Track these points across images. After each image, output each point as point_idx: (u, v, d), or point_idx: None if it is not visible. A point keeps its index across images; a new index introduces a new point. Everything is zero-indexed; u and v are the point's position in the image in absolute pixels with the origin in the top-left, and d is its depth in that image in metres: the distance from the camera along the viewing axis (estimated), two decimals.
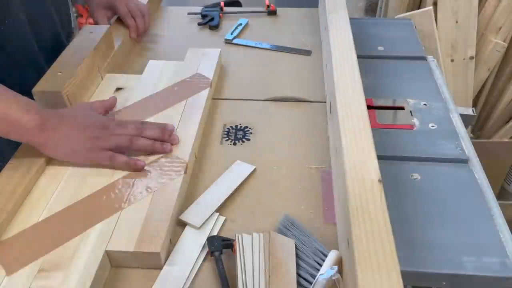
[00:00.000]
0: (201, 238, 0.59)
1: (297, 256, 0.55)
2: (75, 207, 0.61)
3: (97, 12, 1.00)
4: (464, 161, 0.70)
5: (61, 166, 0.67)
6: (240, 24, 1.10)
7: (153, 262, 0.56)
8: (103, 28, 0.91)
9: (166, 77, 0.86)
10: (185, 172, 0.65)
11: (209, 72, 0.86)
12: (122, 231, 0.57)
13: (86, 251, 0.55)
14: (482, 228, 0.60)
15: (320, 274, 0.51)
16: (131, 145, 0.66)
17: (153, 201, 0.61)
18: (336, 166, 0.65)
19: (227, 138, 0.78)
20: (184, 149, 0.69)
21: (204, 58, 0.90)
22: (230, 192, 0.66)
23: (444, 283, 0.56)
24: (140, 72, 0.88)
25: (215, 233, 0.60)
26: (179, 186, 0.63)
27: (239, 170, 0.69)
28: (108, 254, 0.55)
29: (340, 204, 0.58)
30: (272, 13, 1.16)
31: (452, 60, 1.47)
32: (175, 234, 0.60)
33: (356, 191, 0.51)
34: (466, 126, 0.79)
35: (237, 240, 0.56)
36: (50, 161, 0.67)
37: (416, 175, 0.68)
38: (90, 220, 0.59)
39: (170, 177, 0.64)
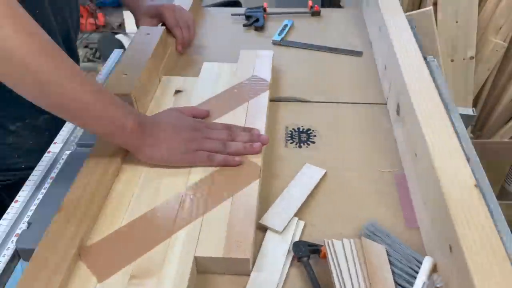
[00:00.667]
0: (285, 243, 0.58)
1: (390, 262, 0.54)
2: (156, 211, 0.60)
3: (142, 21, 1.00)
4: None
5: (136, 167, 0.66)
6: (286, 25, 1.11)
7: (241, 268, 0.55)
8: (159, 29, 0.91)
9: (223, 79, 0.85)
10: (259, 176, 0.65)
11: (266, 74, 0.86)
12: (207, 237, 0.56)
13: (175, 257, 0.53)
14: None
15: (424, 282, 0.50)
16: (225, 149, 0.67)
17: (233, 206, 0.60)
18: (415, 170, 0.64)
19: (291, 141, 0.77)
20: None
21: (258, 59, 0.90)
22: (306, 196, 0.65)
23: None
24: (195, 74, 0.88)
25: (296, 238, 0.59)
26: (257, 190, 0.62)
27: (310, 174, 0.68)
28: (196, 260, 0.54)
29: (428, 209, 0.57)
30: (316, 13, 1.16)
31: (452, 60, 1.47)
32: (256, 239, 0.59)
33: (453, 197, 0.50)
34: (466, 126, 0.79)
35: (326, 245, 0.54)
36: (123, 164, 0.67)
37: None
38: (174, 225, 0.58)
39: (247, 181, 0.64)
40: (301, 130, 0.79)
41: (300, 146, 0.76)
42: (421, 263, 0.53)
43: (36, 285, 0.49)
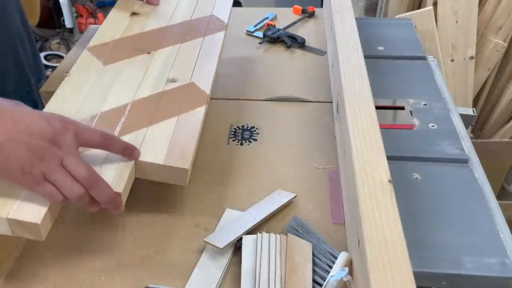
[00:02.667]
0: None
1: None
2: (101, 117, 0.62)
3: None
4: (464, 161, 0.70)
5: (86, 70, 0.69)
6: (267, 18, 1.11)
7: (178, 179, 0.58)
8: None
9: (181, 11, 0.88)
10: (206, 103, 0.67)
11: (224, 15, 0.87)
12: (150, 144, 0.59)
13: (116, 159, 0.56)
14: (482, 228, 0.60)
15: (331, 276, 0.51)
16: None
17: (178, 124, 0.63)
18: (344, 166, 0.65)
19: (234, 138, 0.78)
20: (205, 84, 0.70)
21: (218, 1, 0.92)
22: (261, 217, 0.62)
23: (444, 283, 0.56)
24: None
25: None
26: (202, 114, 0.65)
27: (278, 198, 0.67)
28: (136, 164, 0.56)
29: (349, 204, 0.58)
30: (311, 15, 1.16)
31: (452, 60, 1.47)
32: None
33: (366, 192, 0.51)
34: (466, 126, 0.79)
35: (243, 240, 0.56)
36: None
37: (416, 175, 0.68)
38: (118, 132, 0.60)
39: (194, 105, 0.66)
40: (245, 127, 0.80)
41: (241, 144, 0.77)
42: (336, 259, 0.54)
43: None
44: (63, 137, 0.49)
